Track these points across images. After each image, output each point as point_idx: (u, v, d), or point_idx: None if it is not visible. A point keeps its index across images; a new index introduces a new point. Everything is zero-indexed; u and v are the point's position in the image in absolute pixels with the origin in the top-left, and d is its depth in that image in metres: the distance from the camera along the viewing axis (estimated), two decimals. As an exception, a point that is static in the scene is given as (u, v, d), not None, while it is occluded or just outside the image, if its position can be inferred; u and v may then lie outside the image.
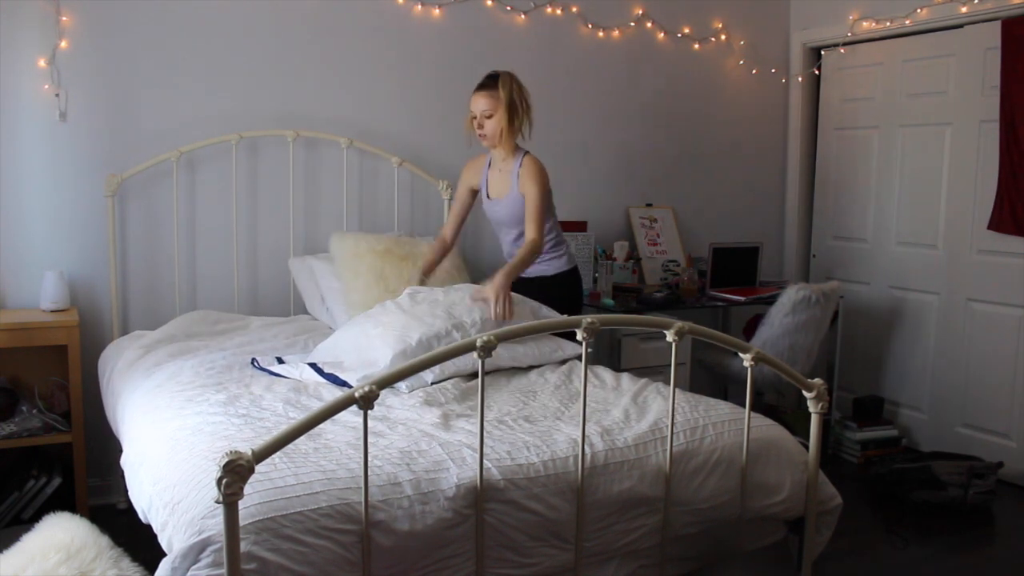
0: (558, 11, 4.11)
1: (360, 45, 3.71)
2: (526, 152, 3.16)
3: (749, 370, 2.09)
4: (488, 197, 3.27)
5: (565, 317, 1.88)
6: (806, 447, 2.25)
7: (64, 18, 3.16)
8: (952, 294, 4.13)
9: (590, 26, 4.20)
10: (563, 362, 2.86)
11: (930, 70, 4.17)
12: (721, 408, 2.32)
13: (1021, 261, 3.82)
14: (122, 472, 2.23)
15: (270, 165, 3.57)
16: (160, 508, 1.81)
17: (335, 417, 1.61)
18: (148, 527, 1.92)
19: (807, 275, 4.88)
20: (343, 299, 3.27)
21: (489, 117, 3.07)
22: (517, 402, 2.38)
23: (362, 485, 1.65)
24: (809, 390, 2.17)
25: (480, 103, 3.07)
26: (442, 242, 3.40)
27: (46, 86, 3.17)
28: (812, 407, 2.19)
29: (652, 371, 3.56)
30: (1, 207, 3.15)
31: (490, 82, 3.08)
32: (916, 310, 4.31)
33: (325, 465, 1.79)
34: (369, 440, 1.67)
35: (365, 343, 2.63)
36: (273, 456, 1.53)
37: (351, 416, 2.00)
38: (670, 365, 2.01)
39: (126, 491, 2.33)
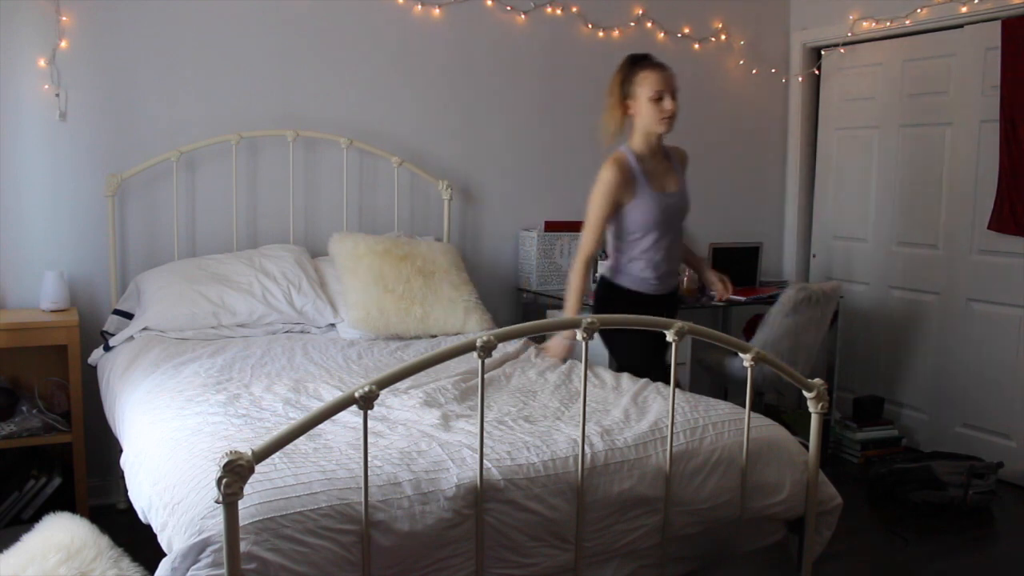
0: (558, 11, 4.11)
1: (360, 45, 3.71)
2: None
3: (749, 370, 2.09)
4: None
5: (564, 317, 1.87)
6: (806, 447, 2.25)
7: (64, 18, 3.16)
8: (952, 294, 4.12)
9: (590, 26, 4.20)
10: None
11: (930, 70, 4.17)
12: (721, 408, 2.32)
13: (1021, 261, 3.82)
14: (122, 472, 2.23)
15: (270, 165, 3.57)
16: (160, 508, 1.81)
17: (335, 417, 1.61)
18: (148, 527, 1.92)
19: (807, 275, 4.87)
20: (343, 300, 3.27)
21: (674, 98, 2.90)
22: (517, 402, 2.38)
23: (362, 485, 1.65)
24: (809, 390, 2.17)
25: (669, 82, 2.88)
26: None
27: (46, 86, 3.17)
28: (812, 407, 2.18)
29: (652, 371, 3.56)
30: (1, 207, 3.15)
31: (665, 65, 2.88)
32: (916, 310, 4.30)
33: (325, 465, 1.79)
34: (369, 440, 1.67)
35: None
36: (273, 456, 1.53)
37: (351, 416, 2.00)
38: (670, 365, 2.02)
39: (126, 491, 2.33)
